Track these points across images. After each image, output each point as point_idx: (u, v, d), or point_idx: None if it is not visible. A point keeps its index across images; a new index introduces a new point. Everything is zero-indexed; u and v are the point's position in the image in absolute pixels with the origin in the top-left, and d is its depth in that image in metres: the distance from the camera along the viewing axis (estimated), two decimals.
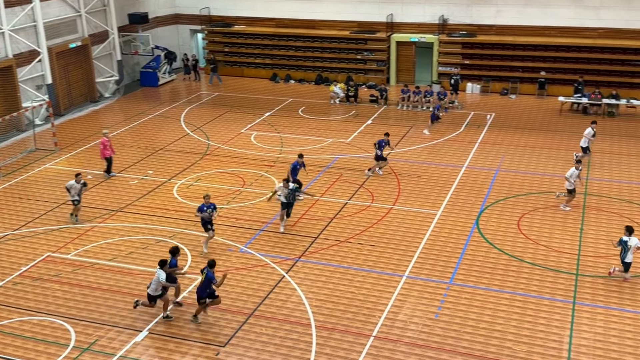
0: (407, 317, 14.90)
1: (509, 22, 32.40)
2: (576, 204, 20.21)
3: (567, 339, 14.04)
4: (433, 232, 18.79)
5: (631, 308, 15.00)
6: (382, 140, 22.79)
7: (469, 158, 24.21)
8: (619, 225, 18.64)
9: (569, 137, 26.06)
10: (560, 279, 16.32)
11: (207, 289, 14.64)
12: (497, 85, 32.76)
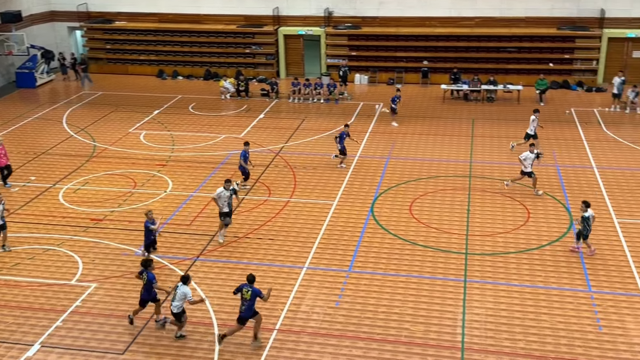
0: (309, 308, 15.06)
1: (391, 13, 33.33)
2: (462, 186, 21.18)
3: (461, 315, 14.72)
4: (330, 222, 19.07)
5: (517, 282, 15.93)
6: (343, 133, 22.91)
7: (360, 147, 24.73)
8: (502, 204, 19.74)
9: (453, 123, 27.21)
10: (452, 259, 17.06)
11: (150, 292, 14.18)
12: (384, 75, 33.66)
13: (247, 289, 13.52)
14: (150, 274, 14.12)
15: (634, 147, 23.90)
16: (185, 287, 13.74)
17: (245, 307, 13.51)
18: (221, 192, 17.61)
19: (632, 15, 30.93)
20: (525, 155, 20.19)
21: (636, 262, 16.50)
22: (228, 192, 17.66)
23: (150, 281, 14.07)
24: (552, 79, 31.57)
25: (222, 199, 17.61)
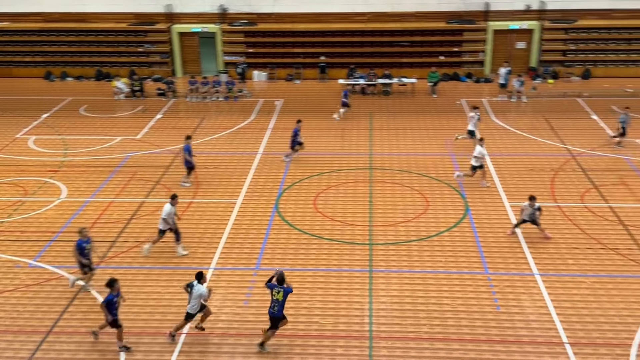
0: (217, 309, 14.88)
1: (286, 9, 33.40)
2: (363, 178, 21.60)
3: (368, 305, 15.03)
4: (235, 221, 18.92)
5: (420, 269, 16.45)
6: (296, 129, 22.77)
7: (262, 144, 24.67)
8: (402, 195, 20.30)
9: (351, 117, 27.66)
10: (357, 250, 17.38)
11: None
12: (282, 71, 33.72)
13: (278, 290, 13.29)
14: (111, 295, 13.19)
15: (521, 134, 25.23)
16: (200, 285, 13.51)
17: (278, 307, 13.31)
18: (170, 210, 16.76)
19: (515, 8, 32.59)
20: (479, 150, 20.40)
21: (528, 242, 17.45)
22: (175, 208, 16.93)
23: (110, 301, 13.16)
24: (443, 72, 32.77)
25: (171, 216, 16.82)
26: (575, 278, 15.78)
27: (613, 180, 20.86)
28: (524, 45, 32.97)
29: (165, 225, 16.80)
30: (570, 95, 29.65)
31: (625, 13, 32.02)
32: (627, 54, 32.15)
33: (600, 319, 14.29)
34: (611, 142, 23.77)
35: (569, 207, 19.26)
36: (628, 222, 18.22)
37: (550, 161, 22.47)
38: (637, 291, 15.18)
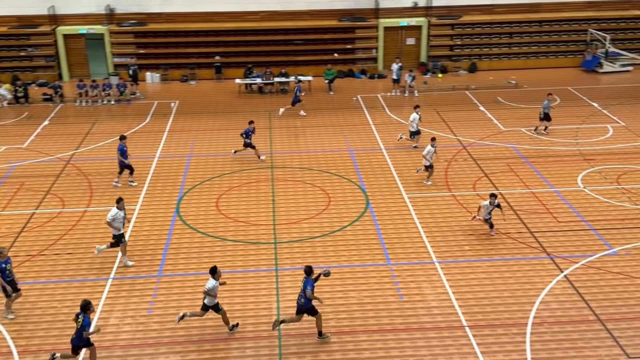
0: (119, 320, 14.38)
1: (177, 9, 32.76)
2: (265, 177, 21.56)
3: (276, 304, 15.02)
4: (135, 227, 18.35)
5: (324, 264, 16.61)
6: (248, 130, 22.44)
7: (159, 148, 24.07)
8: (304, 192, 20.43)
9: (251, 117, 27.51)
10: (262, 249, 17.32)
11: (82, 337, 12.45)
12: (176, 72, 33.03)
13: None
14: (87, 319, 12.45)
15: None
16: (212, 280, 13.58)
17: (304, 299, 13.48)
18: (116, 214, 16.17)
19: (403, 5, 33.56)
20: (427, 150, 20.56)
21: (426, 232, 18.06)
22: (123, 212, 16.31)
23: (83, 327, 12.40)
24: (339, 69, 33.25)
25: (118, 221, 16.22)
26: (472, 263, 16.48)
27: (502, 168, 21.94)
28: (414, 41, 34.04)
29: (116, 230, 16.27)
30: (458, 88, 30.91)
31: (506, 8, 33.76)
32: (509, 47, 33.90)
33: (496, 301, 15.00)
34: (539, 130, 24.79)
35: (462, 195, 20.08)
36: (517, 207, 19.24)
37: (444, 152, 23.32)
38: (528, 272, 16.05)
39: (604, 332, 13.77)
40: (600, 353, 13.20)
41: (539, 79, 31.84)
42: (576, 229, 17.88)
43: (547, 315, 14.41)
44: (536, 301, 14.89)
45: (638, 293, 15.04)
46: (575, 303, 14.80)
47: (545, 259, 16.58)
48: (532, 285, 15.51)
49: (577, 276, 15.79)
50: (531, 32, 33.62)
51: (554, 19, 33.46)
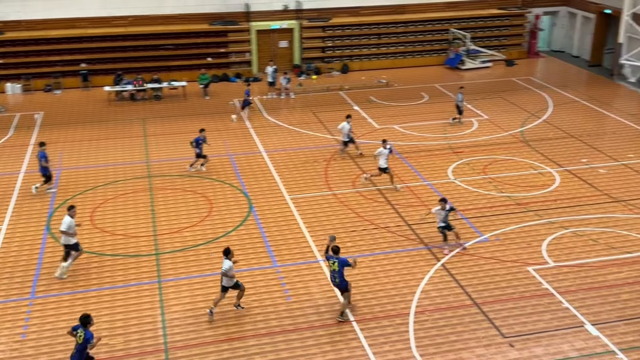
0: None
1: (36, 16, 31.00)
2: (142, 187, 20.89)
3: (160, 317, 14.58)
4: (2, 248, 17.14)
5: (210, 272, 16.36)
6: (199, 138, 21.67)
7: (25, 162, 22.65)
8: (185, 200, 19.99)
9: (123, 125, 26.60)
10: (143, 262, 16.76)
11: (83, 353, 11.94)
12: (39, 82, 31.26)
13: (333, 261, 14.16)
14: (89, 332, 11.98)
15: (293, 129, 26.25)
16: (227, 260, 14.10)
17: (338, 277, 14.19)
18: (70, 222, 15.84)
19: (274, 8, 33.75)
20: (379, 151, 20.32)
21: (310, 231, 18.26)
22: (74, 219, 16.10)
23: (87, 341, 11.94)
24: (213, 73, 32.88)
25: (72, 228, 15.89)
26: (356, 259, 16.81)
27: (377, 165, 22.59)
28: (287, 44, 34.33)
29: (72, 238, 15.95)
30: (332, 89, 31.54)
31: (372, 10, 34.86)
32: (377, 47, 35.03)
33: (380, 294, 15.44)
34: (453, 123, 26.02)
35: (343, 193, 20.50)
36: (394, 202, 19.91)
37: (322, 152, 23.69)
38: (408, 264, 16.66)
39: (480, 315, 14.56)
40: (478, 335, 13.94)
41: (407, 78, 33.15)
42: (449, 218, 18.76)
43: (427, 304, 15.02)
44: (417, 291, 15.48)
45: (509, 276, 16.04)
46: (453, 290, 15.54)
47: (423, 249, 17.28)
48: (413, 275, 16.11)
49: (453, 264, 16.58)
50: (398, 32, 34.94)
51: (418, 19, 34.96)
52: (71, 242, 16.01)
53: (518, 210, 19.20)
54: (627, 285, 15.51)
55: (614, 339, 13.65)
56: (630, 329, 13.96)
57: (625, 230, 17.97)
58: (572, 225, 18.32)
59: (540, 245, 17.30)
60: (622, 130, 25.42)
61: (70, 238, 15.93)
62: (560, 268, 16.28)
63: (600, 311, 14.57)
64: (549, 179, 21.25)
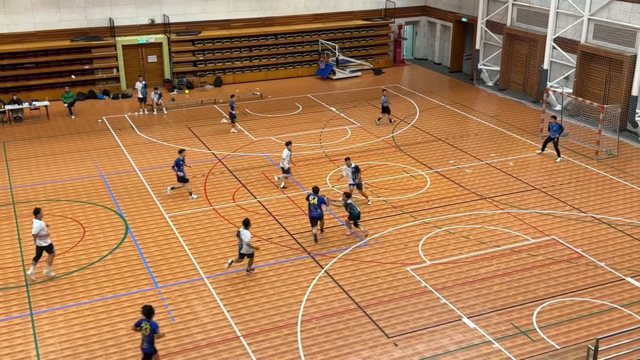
0: None
1: None
2: (6, 215, 19.56)
3: (34, 351, 13.69)
4: None
5: (86, 299, 15.58)
6: (179, 159, 20.65)
7: None
8: (55, 225, 18.91)
9: None
10: (12, 295, 15.67)
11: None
12: None
13: (314, 197, 17.78)
14: (154, 323, 12.49)
15: (167, 145, 25.65)
16: (246, 231, 16.05)
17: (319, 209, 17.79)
18: (40, 224, 16.04)
19: (139, 23, 32.88)
20: (345, 171, 20.23)
21: (191, 249, 17.89)
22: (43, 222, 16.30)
23: (154, 331, 12.45)
24: (78, 91, 31.47)
25: (44, 230, 16.07)
26: (241, 273, 16.70)
27: (257, 176, 22.59)
28: (155, 58, 33.55)
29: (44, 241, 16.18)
30: (206, 102, 31.18)
31: (241, 22, 34.89)
32: (249, 60, 35.09)
33: (266, 306, 15.40)
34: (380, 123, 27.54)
35: (223, 208, 20.28)
36: (276, 213, 19.98)
37: (200, 167, 23.34)
38: (293, 273, 16.75)
39: (364, 318, 14.91)
40: (364, 338, 14.25)
41: (281, 89, 33.45)
42: (331, 225, 19.10)
43: (314, 312, 15.17)
44: (303, 300, 15.60)
45: (389, 277, 16.56)
46: (337, 295, 15.81)
47: (307, 257, 17.46)
48: (298, 285, 16.22)
49: (336, 270, 16.87)
50: (268, 44, 35.18)
51: (287, 31, 35.40)
52: (47, 243, 16.29)
53: (394, 213, 19.89)
54: (498, 277, 16.50)
55: (489, 329, 14.46)
56: (502, 318, 14.85)
57: (492, 225, 19.13)
58: (445, 224, 19.24)
59: (417, 246, 18.02)
60: (484, 131, 27.08)
61: (42, 241, 16.20)
62: (436, 266, 17.04)
63: (475, 304, 15.38)
64: (421, 181, 22.21)
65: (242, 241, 16.18)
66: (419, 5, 38.57)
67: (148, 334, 12.45)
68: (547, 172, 22.86)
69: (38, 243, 16.21)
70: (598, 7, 26.90)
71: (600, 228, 18.89)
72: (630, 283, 16.12)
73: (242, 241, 16.18)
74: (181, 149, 21.55)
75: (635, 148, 25.03)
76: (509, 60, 32.33)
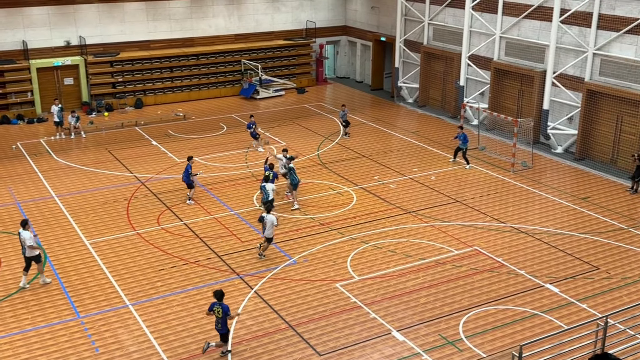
0: None
1: None
2: None
3: None
4: None
5: (4, 333, 14.82)
6: (188, 166, 21.70)
7: None
8: None
9: None
10: None
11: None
12: None
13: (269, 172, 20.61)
14: (225, 306, 13.80)
15: (87, 170, 24.89)
16: (271, 215, 17.78)
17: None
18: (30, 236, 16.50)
19: (55, 45, 31.90)
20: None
21: (115, 275, 17.35)
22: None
23: (226, 313, 13.77)
24: None
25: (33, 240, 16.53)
26: (167, 298, 16.33)
27: (182, 198, 22.22)
28: (72, 81, 32.61)
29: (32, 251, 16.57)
30: (127, 125, 30.50)
31: (161, 43, 34.43)
32: (171, 80, 34.63)
33: (195, 330, 15.09)
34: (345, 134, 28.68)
35: (147, 232, 19.81)
36: (203, 235, 19.68)
37: (122, 191, 22.75)
38: None
39: (296, 337, 14.85)
40: (295, 357, 14.19)
41: (204, 110, 33.15)
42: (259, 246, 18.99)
43: (244, 333, 14.99)
44: (232, 322, 15.38)
45: (319, 294, 16.59)
46: (268, 315, 15.69)
47: (236, 279, 17.26)
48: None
49: (266, 290, 16.76)
50: (190, 65, 34.85)
51: (208, 52, 35.18)
52: (35, 253, 16.66)
53: (322, 230, 19.99)
54: (424, 289, 16.82)
55: (418, 341, 14.70)
56: (430, 330, 15.14)
57: (417, 238, 19.53)
58: (372, 239, 19.48)
59: (345, 262, 18.15)
60: (406, 147, 27.70)
61: (34, 250, 16.60)
62: (364, 281, 17.20)
63: (403, 317, 15.61)
64: (347, 197, 22.44)
65: (266, 225, 17.87)
66: (339, 25, 39.23)
67: (221, 317, 13.75)
68: (467, 184, 23.59)
69: (29, 254, 16.56)
70: (509, 26, 28.15)
71: (519, 237, 19.61)
72: (550, 289, 16.78)
73: (266, 225, 17.87)
74: (189, 156, 22.26)
75: (549, 159, 26.21)
76: (427, 78, 33.29)
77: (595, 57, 24.92)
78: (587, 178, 24.21)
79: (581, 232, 19.84)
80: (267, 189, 20.14)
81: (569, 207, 21.67)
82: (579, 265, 17.94)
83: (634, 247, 18.88)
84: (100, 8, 32.52)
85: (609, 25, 24.26)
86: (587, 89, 25.09)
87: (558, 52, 26.22)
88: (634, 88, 23.77)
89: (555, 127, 26.77)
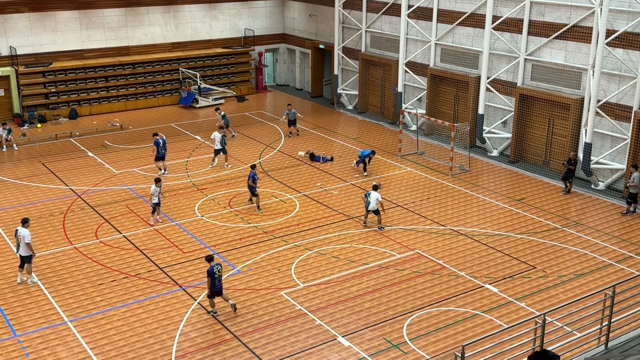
0: None
1: None
2: None
3: None
4: None
5: None
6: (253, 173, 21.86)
7: None
8: None
9: None
10: None
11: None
12: None
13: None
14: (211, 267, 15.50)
15: (21, 183, 24.07)
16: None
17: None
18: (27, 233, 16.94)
19: None
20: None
21: (52, 292, 16.82)
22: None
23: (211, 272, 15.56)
24: None
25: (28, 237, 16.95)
26: (107, 313, 15.93)
27: (121, 210, 21.76)
28: (3, 92, 31.50)
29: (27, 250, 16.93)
30: (62, 136, 29.66)
31: (95, 52, 33.67)
32: (106, 90, 33.88)
33: (137, 345, 14.77)
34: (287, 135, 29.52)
35: (85, 246, 19.29)
36: (143, 247, 19.30)
37: (58, 204, 22.09)
38: (165, 308, 16.23)
39: (241, 347, 14.73)
40: None
41: (142, 119, 32.57)
42: (202, 256, 18.75)
43: (188, 346, 14.76)
44: (176, 335, 15.14)
45: (264, 303, 16.51)
46: (212, 327, 15.50)
47: (179, 291, 17.00)
48: (170, 320, 15.73)
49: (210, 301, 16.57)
50: (126, 74, 34.20)
51: (145, 60, 34.61)
52: (29, 253, 16.97)
53: (266, 239, 19.91)
54: (368, 294, 16.97)
55: (363, 346, 14.80)
56: (375, 334, 15.27)
57: (360, 244, 19.69)
58: (316, 245, 19.54)
59: (290, 269, 18.13)
60: (347, 153, 27.92)
61: (25, 250, 16.89)
62: (309, 288, 17.22)
63: (348, 322, 15.70)
64: (290, 205, 22.44)
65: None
66: (278, 33, 39.27)
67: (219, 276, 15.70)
68: (408, 189, 23.96)
69: (25, 252, 16.92)
70: (443, 32, 28.81)
71: (459, 239, 20.04)
72: (489, 289, 17.20)
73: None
74: (253, 164, 22.49)
75: (485, 162, 26.90)
76: (366, 85, 33.68)
77: (527, 62, 25.78)
78: (522, 180, 24.98)
79: (518, 233, 20.43)
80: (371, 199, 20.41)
81: (505, 208, 22.29)
82: (516, 265, 18.46)
83: (568, 246, 19.57)
84: (32, 17, 31.58)
85: (539, 31, 25.15)
86: (519, 94, 25.92)
87: (491, 58, 26.99)
88: (564, 92, 24.70)
89: (490, 131, 27.52)
